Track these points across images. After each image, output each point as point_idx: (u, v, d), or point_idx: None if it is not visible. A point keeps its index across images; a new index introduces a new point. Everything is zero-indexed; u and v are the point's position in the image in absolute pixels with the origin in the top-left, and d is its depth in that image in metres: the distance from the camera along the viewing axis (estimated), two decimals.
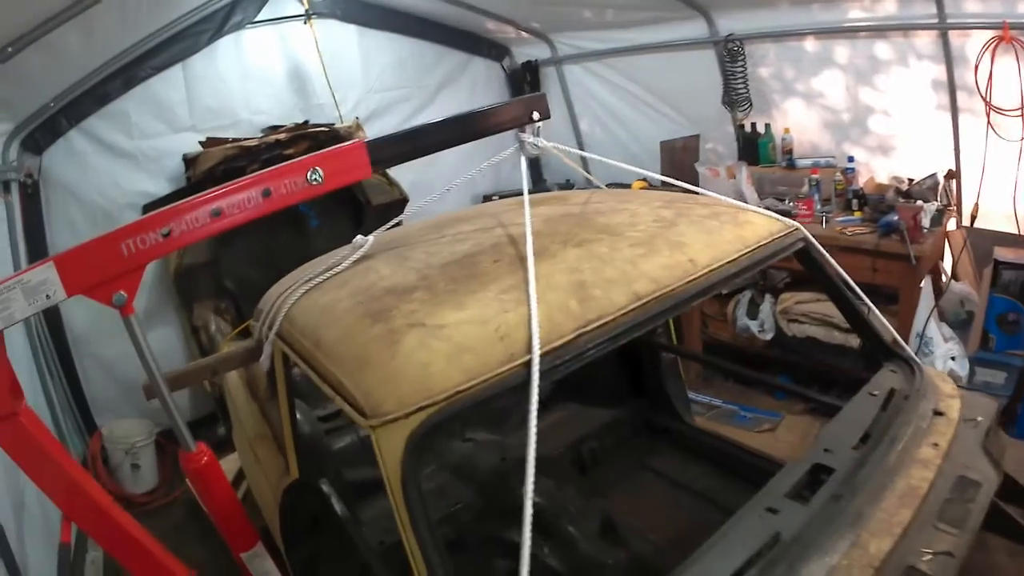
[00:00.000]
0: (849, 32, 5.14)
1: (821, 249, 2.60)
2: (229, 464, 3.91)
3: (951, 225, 4.96)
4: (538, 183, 7.49)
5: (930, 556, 1.74)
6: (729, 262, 2.19)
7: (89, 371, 5.40)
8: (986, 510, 1.94)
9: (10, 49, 3.70)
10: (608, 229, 2.30)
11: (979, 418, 2.33)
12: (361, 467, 1.66)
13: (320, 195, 2.28)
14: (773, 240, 2.40)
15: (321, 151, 2.28)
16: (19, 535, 3.19)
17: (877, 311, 2.71)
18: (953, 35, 4.60)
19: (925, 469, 2.02)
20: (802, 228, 2.56)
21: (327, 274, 2.40)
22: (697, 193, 2.75)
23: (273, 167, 2.23)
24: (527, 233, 2.06)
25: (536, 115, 2.45)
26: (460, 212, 3.00)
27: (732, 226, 2.36)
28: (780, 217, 2.58)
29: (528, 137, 2.47)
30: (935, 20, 4.59)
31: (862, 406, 2.33)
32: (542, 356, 1.70)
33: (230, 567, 2.71)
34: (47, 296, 1.96)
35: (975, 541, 2.01)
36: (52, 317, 5.11)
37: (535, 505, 2.95)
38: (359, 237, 2.56)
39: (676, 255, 2.12)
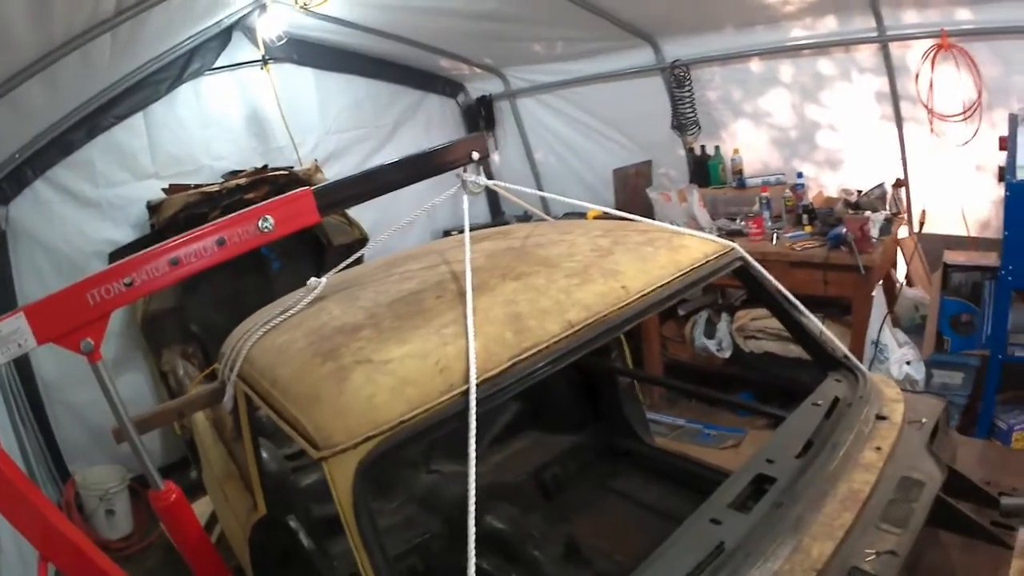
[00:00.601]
0: (792, 51, 5.28)
1: (758, 267, 2.66)
2: (202, 507, 3.95)
3: (903, 232, 5.08)
4: (497, 216, 7.58)
5: (873, 556, 1.81)
6: (662, 286, 2.27)
7: (60, 418, 5.43)
8: (930, 508, 2.00)
9: None
10: (546, 261, 2.39)
11: (924, 420, 2.40)
12: (329, 503, 1.75)
13: (272, 241, 2.39)
14: (708, 262, 2.48)
15: (270, 200, 2.39)
16: None
17: (818, 322, 2.79)
18: (893, 47, 4.76)
19: (867, 472, 2.09)
20: (738, 248, 2.62)
21: (283, 316, 2.47)
22: (634, 220, 2.84)
23: (226, 217, 2.36)
24: (467, 269, 2.15)
25: (475, 155, 2.53)
26: (410, 251, 3.09)
27: (667, 251, 2.45)
28: (716, 239, 2.67)
29: (469, 176, 2.55)
30: (875, 33, 4.76)
31: (806, 416, 2.41)
32: (479, 385, 1.78)
33: None
34: (19, 345, 2.07)
35: (928, 539, 2.09)
36: (22, 365, 5.15)
37: (500, 532, 3.04)
38: (312, 280, 2.64)
39: (610, 282, 2.20)
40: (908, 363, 4.43)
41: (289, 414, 1.93)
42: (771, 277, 2.71)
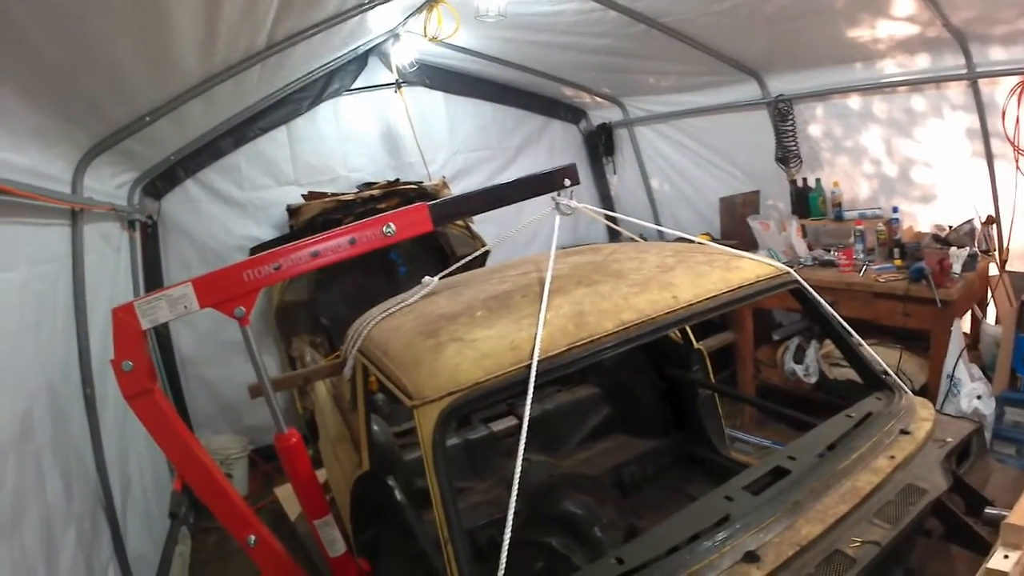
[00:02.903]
0: (887, 87, 5.43)
1: (812, 291, 3.00)
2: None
3: (993, 269, 5.11)
4: (617, 235, 7.89)
5: (858, 544, 2.08)
6: (709, 298, 2.67)
7: (194, 389, 6.11)
8: (922, 511, 2.23)
9: (147, 119, 4.35)
10: (617, 273, 2.84)
11: (948, 439, 2.61)
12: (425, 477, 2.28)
13: (393, 244, 2.93)
14: (758, 281, 2.84)
15: (393, 211, 2.92)
16: (123, 511, 3.97)
17: (866, 345, 3.06)
18: (983, 83, 4.84)
19: (874, 475, 2.35)
20: (793, 273, 2.97)
21: (400, 306, 3.04)
22: (703, 244, 3.23)
23: (357, 222, 2.90)
24: (548, 276, 2.64)
25: (567, 182, 2.98)
26: (511, 261, 3.60)
27: (721, 270, 2.83)
28: (772, 262, 3.02)
29: (562, 200, 3.00)
30: (964, 70, 4.85)
31: (837, 424, 2.72)
32: (539, 362, 2.26)
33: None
34: (185, 307, 2.63)
35: (939, 551, 2.36)
36: (164, 340, 5.85)
37: (573, 515, 3.43)
38: (426, 278, 3.21)
39: (663, 293, 2.62)
40: (979, 398, 4.46)
41: (394, 375, 2.46)
42: (823, 301, 3.03)
